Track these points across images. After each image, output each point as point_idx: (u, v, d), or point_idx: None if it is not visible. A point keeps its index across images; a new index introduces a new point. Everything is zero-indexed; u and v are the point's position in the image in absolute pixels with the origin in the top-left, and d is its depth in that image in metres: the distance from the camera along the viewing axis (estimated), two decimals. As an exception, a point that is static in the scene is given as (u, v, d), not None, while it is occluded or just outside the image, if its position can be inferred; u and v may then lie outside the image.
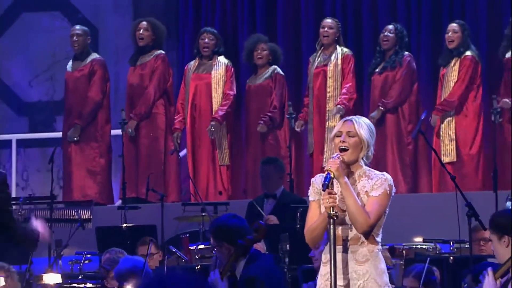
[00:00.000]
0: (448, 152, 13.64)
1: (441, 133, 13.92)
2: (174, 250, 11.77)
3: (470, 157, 14.00)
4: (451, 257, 11.04)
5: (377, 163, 11.51)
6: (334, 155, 7.24)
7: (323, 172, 7.27)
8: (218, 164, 14.51)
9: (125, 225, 12.79)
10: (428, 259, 10.06)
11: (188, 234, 12.25)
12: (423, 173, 14.11)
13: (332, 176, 7.13)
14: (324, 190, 7.13)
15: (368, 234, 7.22)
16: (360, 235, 7.21)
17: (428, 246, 11.77)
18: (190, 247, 11.79)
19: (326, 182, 7.11)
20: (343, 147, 7.23)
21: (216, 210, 12.97)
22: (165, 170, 14.61)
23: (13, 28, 16.63)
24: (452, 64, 14.12)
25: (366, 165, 7.37)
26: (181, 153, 14.50)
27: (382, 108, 13.83)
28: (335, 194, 7.15)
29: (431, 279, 9.60)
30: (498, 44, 14.13)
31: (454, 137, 13.97)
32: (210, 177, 14.51)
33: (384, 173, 7.44)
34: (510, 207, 11.40)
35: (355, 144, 7.24)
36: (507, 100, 13.68)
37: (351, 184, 7.21)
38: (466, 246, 11.32)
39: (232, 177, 14.68)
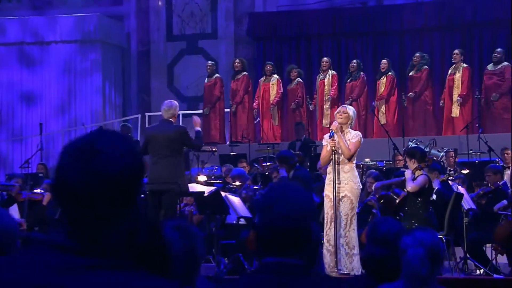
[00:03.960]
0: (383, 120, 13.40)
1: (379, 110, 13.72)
2: (255, 165, 11.65)
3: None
4: (384, 168, 10.87)
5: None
6: (335, 122, 7.23)
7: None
8: (273, 124, 14.21)
9: (232, 153, 12.62)
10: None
11: (261, 158, 12.10)
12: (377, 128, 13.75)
13: (334, 131, 7.13)
14: (330, 138, 7.13)
15: (349, 159, 7.19)
16: (346, 159, 7.15)
17: (373, 163, 11.52)
18: (263, 164, 11.65)
19: (331, 135, 7.16)
20: (340, 118, 7.19)
21: (274, 147, 12.83)
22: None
23: (180, 63, 16.45)
24: (382, 78, 13.78)
25: (350, 127, 7.33)
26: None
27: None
28: (335, 140, 7.11)
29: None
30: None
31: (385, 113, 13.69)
32: (269, 131, 14.21)
33: (358, 131, 7.56)
34: (411, 145, 11.22)
35: (346, 117, 7.22)
36: (411, 93, 13.50)
37: (342, 136, 7.17)
38: (390, 163, 11.27)
39: (281, 131, 14.37)
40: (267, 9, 16.03)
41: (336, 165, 7.04)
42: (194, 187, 8.59)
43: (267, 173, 10.67)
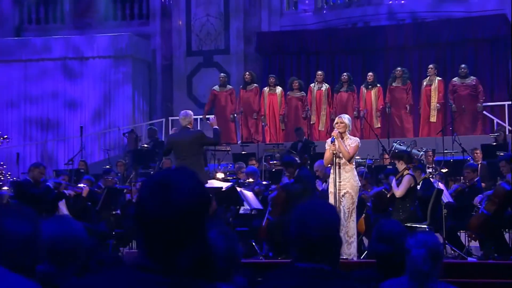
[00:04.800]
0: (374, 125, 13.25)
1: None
2: (264, 163, 11.47)
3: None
4: (373, 166, 10.74)
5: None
6: (335, 130, 7.08)
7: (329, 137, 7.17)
8: (280, 128, 14.11)
9: (243, 152, 12.46)
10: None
11: (269, 156, 11.99)
12: (366, 131, 13.63)
13: (335, 137, 7.00)
14: (331, 143, 7.00)
15: (349, 161, 7.06)
16: (346, 161, 7.04)
17: (364, 160, 11.30)
18: (270, 162, 11.53)
19: (332, 140, 7.01)
20: (339, 128, 7.08)
21: (279, 147, 12.71)
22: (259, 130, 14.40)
23: (198, 74, 16.34)
24: (373, 90, 13.60)
25: (348, 133, 7.19)
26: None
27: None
28: (335, 145, 6.99)
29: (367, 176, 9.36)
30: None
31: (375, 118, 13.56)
32: (276, 134, 14.11)
33: (357, 138, 7.38)
34: (396, 145, 11.10)
35: (343, 126, 7.08)
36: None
37: (343, 141, 7.05)
38: (378, 160, 11.15)
39: (285, 133, 14.20)
40: (271, 28, 16.02)
41: (337, 167, 6.97)
42: (213, 183, 8.54)
43: (273, 169, 10.64)
